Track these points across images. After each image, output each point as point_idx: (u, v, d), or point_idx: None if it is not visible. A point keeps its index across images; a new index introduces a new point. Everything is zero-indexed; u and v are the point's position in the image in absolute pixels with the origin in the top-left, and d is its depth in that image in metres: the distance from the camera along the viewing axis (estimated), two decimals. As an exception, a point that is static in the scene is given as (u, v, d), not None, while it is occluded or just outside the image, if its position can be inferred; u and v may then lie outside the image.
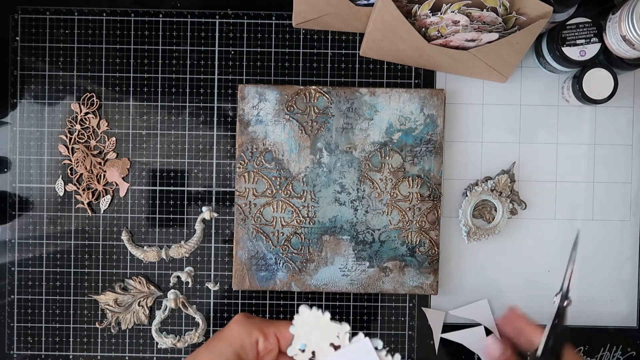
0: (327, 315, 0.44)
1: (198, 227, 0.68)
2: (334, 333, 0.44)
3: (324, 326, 0.44)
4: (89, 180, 0.68)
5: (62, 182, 0.68)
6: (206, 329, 0.69)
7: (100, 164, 0.68)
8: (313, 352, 0.44)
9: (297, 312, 0.43)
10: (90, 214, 0.69)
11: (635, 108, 0.69)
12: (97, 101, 0.68)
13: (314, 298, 0.69)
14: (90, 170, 0.68)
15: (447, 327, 0.69)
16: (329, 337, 0.44)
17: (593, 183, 0.69)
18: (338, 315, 0.69)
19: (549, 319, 0.44)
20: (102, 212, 0.69)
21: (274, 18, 0.69)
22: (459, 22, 0.59)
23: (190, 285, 0.69)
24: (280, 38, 0.69)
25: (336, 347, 0.44)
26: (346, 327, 0.44)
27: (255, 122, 0.67)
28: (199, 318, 0.69)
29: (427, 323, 0.69)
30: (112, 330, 0.69)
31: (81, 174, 0.69)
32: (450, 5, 0.58)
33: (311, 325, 0.44)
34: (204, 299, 0.69)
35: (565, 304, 0.45)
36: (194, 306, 0.69)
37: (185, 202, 0.69)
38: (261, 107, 0.67)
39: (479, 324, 0.69)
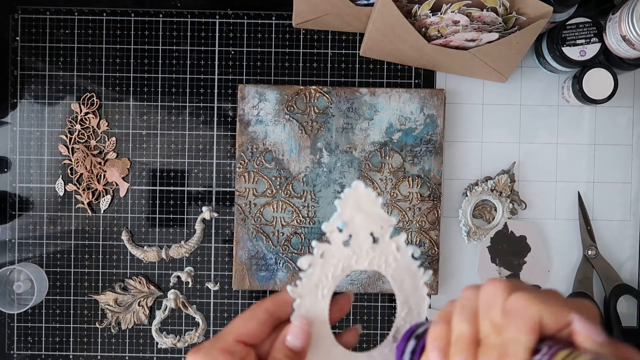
0: (380, 200, 0.37)
1: (198, 227, 0.68)
2: (379, 223, 0.37)
3: (372, 211, 0.37)
4: (89, 180, 0.68)
5: (62, 182, 0.68)
6: (206, 329, 0.69)
7: (100, 164, 0.68)
8: (350, 236, 0.37)
9: (351, 185, 0.37)
10: (90, 214, 0.69)
11: (635, 108, 0.69)
12: (97, 101, 0.68)
13: (314, 298, 0.69)
14: (90, 170, 0.68)
15: (447, 327, 0.69)
16: (372, 225, 0.37)
17: (593, 183, 0.69)
18: (338, 315, 0.69)
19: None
20: (102, 212, 0.69)
21: (274, 18, 0.69)
22: (459, 22, 0.59)
23: (190, 285, 0.69)
24: (280, 38, 0.69)
25: (375, 239, 0.37)
26: (393, 221, 0.37)
27: (255, 122, 0.67)
28: (199, 318, 0.69)
29: (427, 323, 0.69)
30: (112, 330, 0.69)
31: (81, 174, 0.69)
32: (450, 5, 0.58)
33: (359, 206, 0.37)
34: (204, 299, 0.69)
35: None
36: (194, 306, 0.69)
37: (185, 202, 0.69)
38: (261, 107, 0.67)
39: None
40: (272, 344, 0.34)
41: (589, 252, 0.68)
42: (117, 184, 0.69)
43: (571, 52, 0.62)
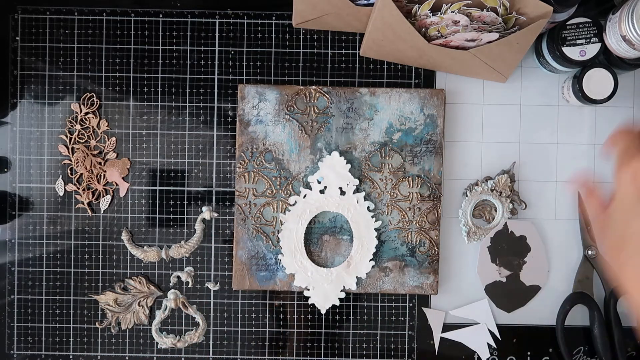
0: (349, 166, 0.63)
1: (198, 227, 0.68)
2: (346, 181, 0.62)
3: (342, 173, 0.61)
4: (89, 180, 0.69)
5: (62, 182, 0.68)
6: (206, 329, 0.69)
7: (100, 164, 0.68)
8: (325, 187, 0.61)
9: (330, 154, 0.62)
10: (90, 214, 0.69)
11: (635, 108, 0.69)
12: (97, 101, 0.68)
13: (314, 298, 0.69)
14: (90, 170, 0.68)
15: (447, 327, 0.69)
16: (341, 182, 0.61)
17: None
18: (338, 315, 0.69)
19: None
20: (102, 212, 0.69)
21: (274, 18, 0.69)
22: (459, 22, 0.59)
23: (190, 285, 0.69)
24: (280, 38, 0.69)
25: (343, 192, 0.63)
26: (356, 181, 0.62)
27: (255, 122, 0.67)
28: (199, 318, 0.69)
29: (427, 323, 0.69)
30: (112, 330, 0.69)
31: (81, 174, 0.69)
32: (450, 5, 0.58)
33: (334, 168, 0.61)
34: (204, 299, 0.69)
35: None
36: (194, 306, 0.69)
37: (185, 202, 0.69)
38: (261, 107, 0.67)
39: (478, 324, 0.69)
40: None
41: (589, 252, 0.68)
42: (117, 184, 0.69)
43: (571, 52, 0.62)
